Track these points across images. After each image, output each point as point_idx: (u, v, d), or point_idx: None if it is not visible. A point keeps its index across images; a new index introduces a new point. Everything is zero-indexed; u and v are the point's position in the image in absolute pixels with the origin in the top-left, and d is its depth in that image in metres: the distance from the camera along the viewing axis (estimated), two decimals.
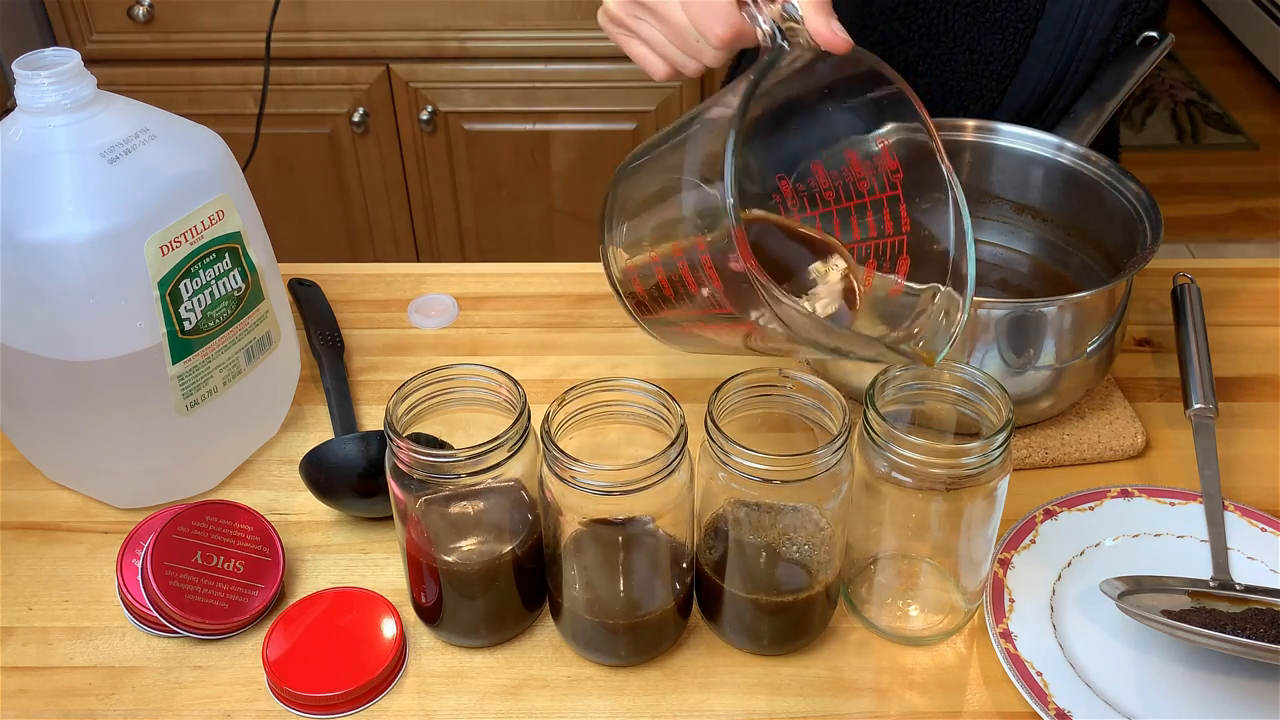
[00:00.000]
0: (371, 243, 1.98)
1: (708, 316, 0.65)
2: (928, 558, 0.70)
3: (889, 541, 0.67)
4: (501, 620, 0.70)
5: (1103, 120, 0.90)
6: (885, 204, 0.68)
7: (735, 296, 0.61)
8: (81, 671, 0.69)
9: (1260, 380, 0.90)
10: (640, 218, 0.68)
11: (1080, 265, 0.89)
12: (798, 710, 0.67)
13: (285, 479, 0.81)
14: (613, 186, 0.70)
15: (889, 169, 0.67)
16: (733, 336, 0.66)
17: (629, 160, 0.70)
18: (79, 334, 0.70)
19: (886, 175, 0.67)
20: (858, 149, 0.67)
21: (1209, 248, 2.53)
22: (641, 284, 0.68)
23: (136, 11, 1.75)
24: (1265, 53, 3.14)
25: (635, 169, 0.69)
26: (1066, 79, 0.94)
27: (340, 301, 0.97)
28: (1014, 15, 0.92)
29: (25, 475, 0.81)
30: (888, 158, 0.67)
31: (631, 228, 0.69)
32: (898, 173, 0.67)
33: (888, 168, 0.67)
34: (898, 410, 0.67)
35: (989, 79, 0.95)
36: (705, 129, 0.63)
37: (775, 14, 0.62)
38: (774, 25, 0.62)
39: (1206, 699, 0.66)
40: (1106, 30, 0.91)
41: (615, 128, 1.85)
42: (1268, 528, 0.75)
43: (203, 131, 0.76)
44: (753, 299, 0.59)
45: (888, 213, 0.68)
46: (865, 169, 0.68)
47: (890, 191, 0.68)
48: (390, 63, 1.80)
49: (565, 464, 0.60)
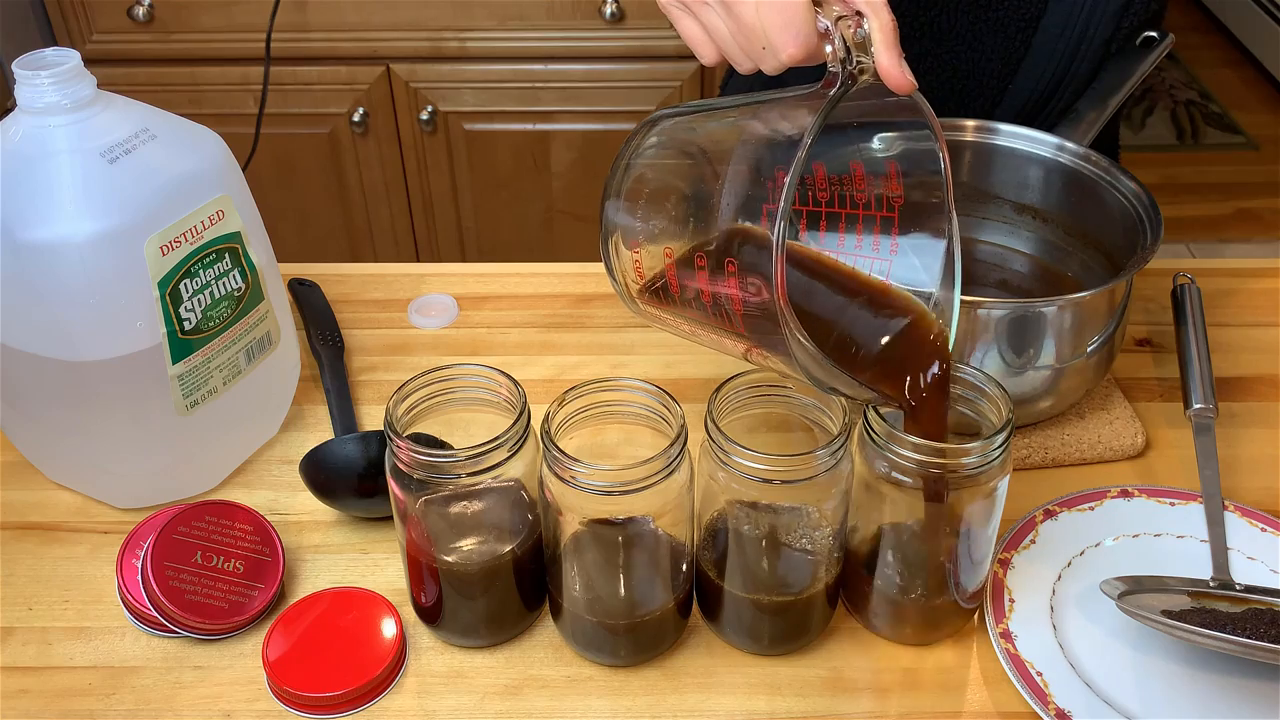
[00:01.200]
0: (371, 243, 1.98)
1: (712, 326, 0.64)
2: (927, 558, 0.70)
3: (889, 541, 0.67)
4: (501, 620, 0.70)
5: (1103, 120, 0.90)
6: (878, 223, 0.67)
7: (752, 321, 0.60)
8: (81, 671, 0.69)
9: (1260, 380, 0.90)
10: (660, 206, 0.66)
11: (1080, 265, 0.89)
12: (798, 710, 0.67)
13: (285, 479, 0.81)
14: (629, 156, 0.67)
15: (892, 191, 0.66)
16: (730, 345, 0.65)
17: (647, 134, 0.67)
18: (79, 334, 0.70)
19: (887, 197, 0.66)
20: (865, 163, 0.67)
21: (1209, 248, 2.53)
22: (645, 272, 0.67)
23: (136, 11, 1.75)
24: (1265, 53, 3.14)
25: (658, 151, 0.67)
26: (1068, 78, 0.94)
27: (340, 301, 0.97)
28: (1016, 14, 0.92)
29: (25, 475, 0.81)
30: (894, 181, 0.66)
31: (647, 213, 0.67)
32: (899, 198, 0.66)
33: (891, 190, 0.66)
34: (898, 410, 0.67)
35: (990, 77, 0.95)
36: (748, 148, 0.61)
37: (851, 39, 0.59)
38: (848, 52, 0.59)
39: (1206, 699, 0.66)
40: (1108, 30, 0.91)
41: (615, 128, 1.85)
42: (1268, 528, 0.75)
43: (203, 131, 0.76)
44: (770, 329, 0.58)
45: (878, 233, 0.67)
46: (867, 185, 0.67)
47: (885, 214, 0.67)
48: (390, 63, 1.80)
49: (565, 464, 0.60)
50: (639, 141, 0.68)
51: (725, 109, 0.65)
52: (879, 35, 0.59)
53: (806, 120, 0.58)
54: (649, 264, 0.67)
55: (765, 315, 0.59)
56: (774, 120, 0.62)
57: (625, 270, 0.68)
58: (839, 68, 0.59)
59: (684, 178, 0.67)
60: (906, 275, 0.67)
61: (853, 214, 0.68)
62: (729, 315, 0.62)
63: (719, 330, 0.64)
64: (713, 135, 0.66)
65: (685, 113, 0.68)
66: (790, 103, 0.61)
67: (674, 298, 0.65)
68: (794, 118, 0.59)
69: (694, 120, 0.68)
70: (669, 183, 0.67)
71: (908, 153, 0.65)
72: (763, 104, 0.63)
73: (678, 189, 0.67)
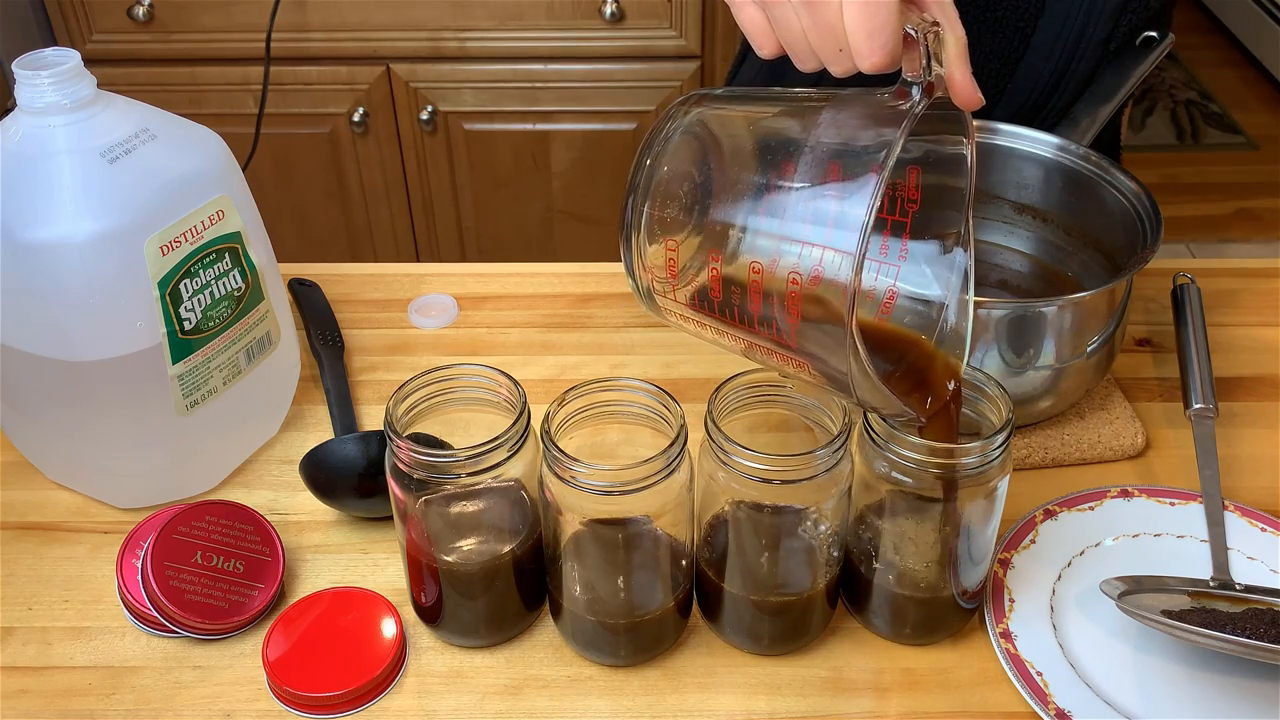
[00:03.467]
0: (371, 243, 1.98)
1: (749, 334, 0.61)
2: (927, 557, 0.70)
3: (889, 541, 0.67)
4: (501, 620, 0.70)
5: (1103, 120, 0.90)
6: (889, 225, 0.65)
7: (808, 338, 0.57)
8: (81, 671, 0.69)
9: (1260, 380, 0.90)
10: (705, 201, 0.62)
11: (1080, 265, 0.89)
12: (798, 710, 0.67)
13: (285, 479, 0.81)
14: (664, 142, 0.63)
15: (908, 196, 0.64)
16: (760, 354, 0.63)
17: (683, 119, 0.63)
18: (79, 334, 0.70)
19: (902, 200, 0.64)
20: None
21: (1209, 248, 2.53)
22: (679, 272, 0.63)
23: (136, 11, 1.75)
24: (1265, 53, 3.14)
25: (705, 141, 0.63)
26: (1066, 77, 0.94)
27: (340, 301, 0.97)
28: (1014, 13, 0.92)
29: (25, 475, 0.81)
30: (911, 186, 0.64)
31: (688, 208, 0.62)
32: (914, 204, 0.64)
33: (908, 195, 0.64)
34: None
35: (988, 76, 0.95)
36: (819, 154, 0.57)
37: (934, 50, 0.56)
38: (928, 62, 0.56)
39: (1206, 699, 0.66)
40: (1106, 29, 0.91)
41: (615, 128, 1.85)
42: (1268, 528, 0.75)
43: (203, 131, 0.76)
44: (829, 348, 0.56)
45: (888, 236, 0.66)
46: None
47: (898, 218, 0.65)
48: (390, 63, 1.80)
49: (565, 464, 0.60)
50: (674, 125, 0.64)
51: (785, 102, 0.61)
52: (955, 48, 0.57)
53: (886, 134, 0.54)
54: (685, 262, 0.63)
55: (825, 335, 0.56)
56: (849, 127, 0.58)
57: (654, 266, 0.64)
58: (920, 78, 0.56)
59: (740, 173, 0.62)
60: (914, 282, 0.66)
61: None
62: (778, 328, 0.59)
63: (758, 339, 0.61)
64: (774, 131, 0.62)
65: (732, 99, 0.63)
66: (862, 108, 0.57)
67: (713, 302, 0.62)
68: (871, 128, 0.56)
69: (748, 110, 0.63)
70: (721, 177, 0.62)
71: (929, 158, 0.63)
72: (830, 104, 0.59)
73: (734, 185, 0.62)
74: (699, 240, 0.62)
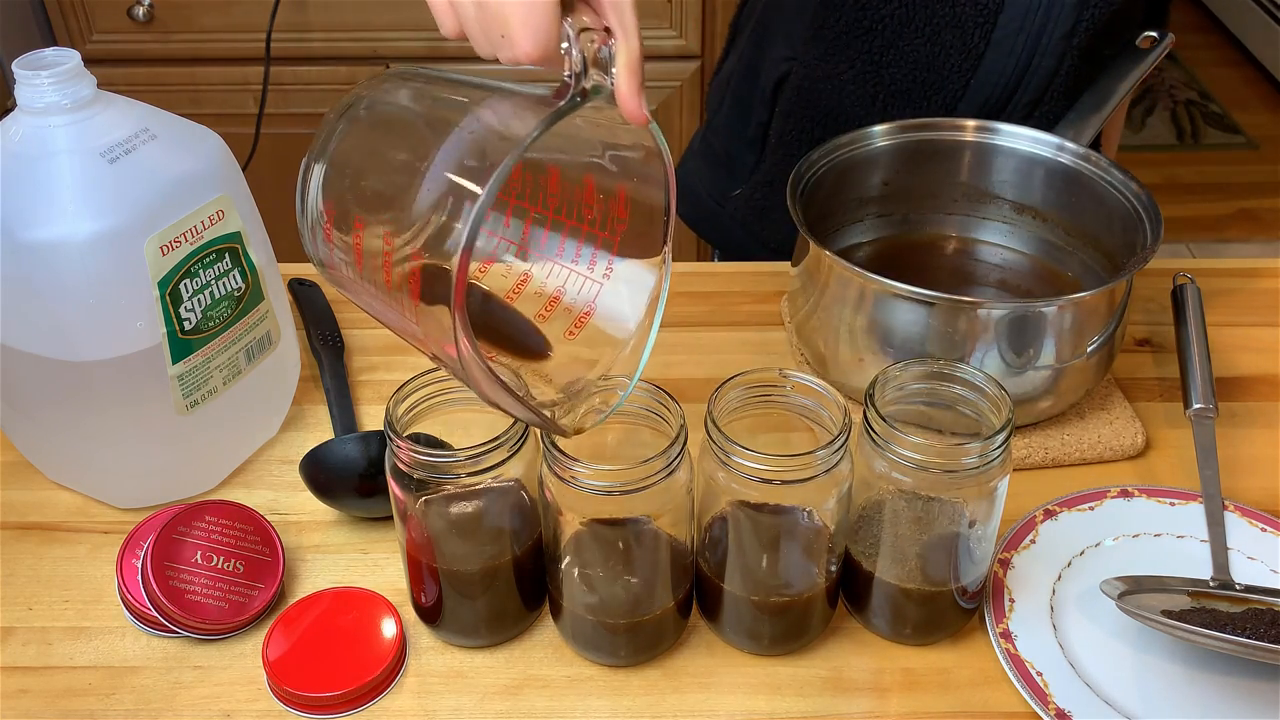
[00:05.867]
0: None
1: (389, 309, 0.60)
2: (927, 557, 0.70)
3: (888, 541, 0.67)
4: (501, 620, 0.70)
5: (1103, 120, 0.90)
6: (599, 244, 0.64)
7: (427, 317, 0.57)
8: (81, 671, 0.69)
9: (1260, 380, 0.90)
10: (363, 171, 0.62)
11: (1080, 265, 0.89)
12: (798, 710, 0.67)
13: (285, 479, 0.81)
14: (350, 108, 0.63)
15: (617, 215, 0.63)
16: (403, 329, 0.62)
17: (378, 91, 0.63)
18: (79, 334, 0.70)
19: (612, 220, 0.63)
20: (597, 178, 0.63)
21: (1209, 248, 2.53)
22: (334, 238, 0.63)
23: (136, 11, 1.75)
24: (1265, 53, 3.14)
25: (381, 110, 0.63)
26: (1030, 73, 0.94)
27: (340, 301, 0.97)
28: (972, 9, 0.92)
29: (25, 475, 0.81)
30: (621, 205, 0.62)
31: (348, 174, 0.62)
32: (623, 223, 0.63)
33: (616, 214, 0.63)
34: (898, 410, 0.67)
35: (951, 71, 0.95)
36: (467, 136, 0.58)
37: (590, 55, 0.57)
38: (584, 66, 0.56)
39: (1206, 699, 0.66)
40: (1068, 23, 0.91)
41: None
42: (1268, 528, 0.75)
43: (203, 131, 0.76)
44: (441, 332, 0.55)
45: (597, 254, 0.64)
46: (596, 201, 0.63)
47: (607, 235, 0.64)
48: (390, 63, 1.80)
49: (565, 464, 0.60)
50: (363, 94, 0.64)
51: (464, 85, 0.61)
52: (623, 60, 0.57)
53: (530, 125, 0.54)
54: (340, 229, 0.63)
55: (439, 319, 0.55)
56: (505, 116, 0.58)
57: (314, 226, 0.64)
58: (572, 81, 0.57)
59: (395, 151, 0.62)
60: (612, 304, 0.65)
61: (576, 226, 0.64)
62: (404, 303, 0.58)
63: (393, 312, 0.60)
64: (439, 113, 0.62)
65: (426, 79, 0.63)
66: (524, 101, 0.57)
67: (357, 271, 0.61)
68: (522, 121, 0.56)
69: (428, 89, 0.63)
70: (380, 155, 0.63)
71: (642, 180, 0.62)
72: (500, 92, 0.59)
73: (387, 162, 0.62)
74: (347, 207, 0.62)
